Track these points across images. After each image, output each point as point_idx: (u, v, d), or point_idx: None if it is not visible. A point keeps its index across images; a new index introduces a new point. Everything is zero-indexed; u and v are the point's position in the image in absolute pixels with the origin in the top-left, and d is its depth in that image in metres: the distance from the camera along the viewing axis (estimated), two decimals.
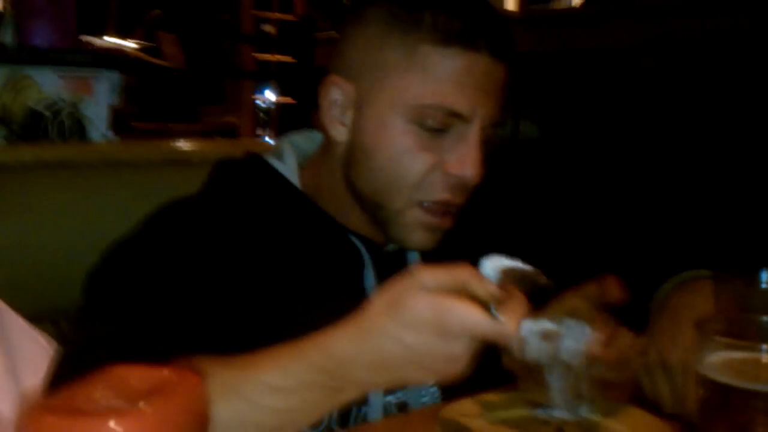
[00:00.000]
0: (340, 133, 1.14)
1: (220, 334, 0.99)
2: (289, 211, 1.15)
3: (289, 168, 1.19)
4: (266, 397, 0.83)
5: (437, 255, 1.10)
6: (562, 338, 0.88)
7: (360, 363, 0.82)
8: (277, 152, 1.22)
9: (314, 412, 0.86)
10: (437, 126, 1.07)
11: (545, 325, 0.89)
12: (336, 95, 1.13)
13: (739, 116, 2.48)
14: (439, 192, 1.09)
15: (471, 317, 0.79)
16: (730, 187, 2.42)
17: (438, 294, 0.79)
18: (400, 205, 1.10)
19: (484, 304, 0.80)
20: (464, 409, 0.98)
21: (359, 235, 1.16)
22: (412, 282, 0.81)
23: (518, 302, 0.82)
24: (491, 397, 0.99)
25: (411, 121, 1.07)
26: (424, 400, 1.16)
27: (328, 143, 1.17)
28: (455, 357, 0.81)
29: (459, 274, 0.82)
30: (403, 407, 1.15)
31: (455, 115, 1.07)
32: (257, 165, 1.20)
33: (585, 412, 0.90)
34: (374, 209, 1.13)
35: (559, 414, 0.89)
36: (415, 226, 1.11)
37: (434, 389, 1.17)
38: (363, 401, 1.09)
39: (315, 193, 1.18)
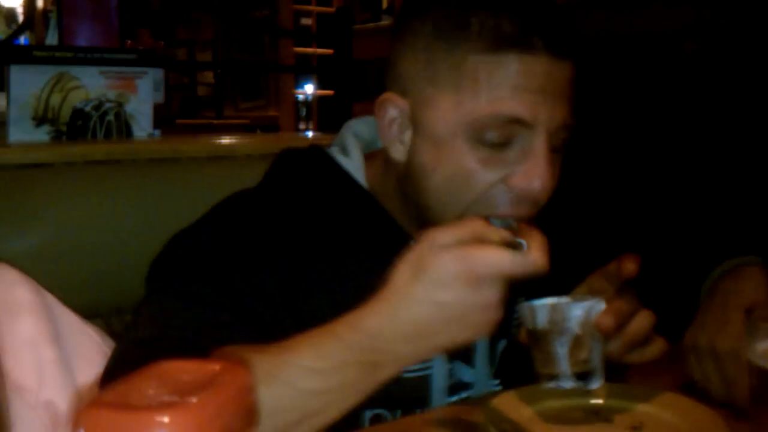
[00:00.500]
0: (399, 152, 1.07)
1: (277, 328, 1.00)
2: (354, 211, 1.13)
3: (353, 163, 1.15)
4: (305, 379, 0.83)
5: None
6: (569, 307, 0.89)
7: (394, 334, 0.82)
8: (341, 144, 1.18)
9: (354, 392, 0.85)
10: (498, 139, 0.99)
11: (556, 300, 0.90)
12: (393, 113, 1.07)
13: None
14: (501, 207, 1.01)
15: (497, 258, 0.79)
16: None
17: (458, 246, 0.80)
18: (456, 218, 0.99)
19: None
20: (509, 399, 0.98)
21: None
22: (430, 243, 0.81)
23: (536, 231, 0.83)
24: (537, 387, 0.99)
25: (469, 138, 0.99)
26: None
27: (392, 160, 1.10)
28: (489, 304, 0.81)
29: (470, 225, 0.83)
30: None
31: (516, 122, 0.98)
32: (321, 159, 1.16)
33: (594, 385, 0.90)
34: (429, 223, 1.01)
35: (567, 385, 0.89)
36: None
37: (496, 383, 1.16)
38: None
39: (381, 191, 1.14)
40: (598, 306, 0.90)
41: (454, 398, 1.14)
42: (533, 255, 0.80)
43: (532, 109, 0.98)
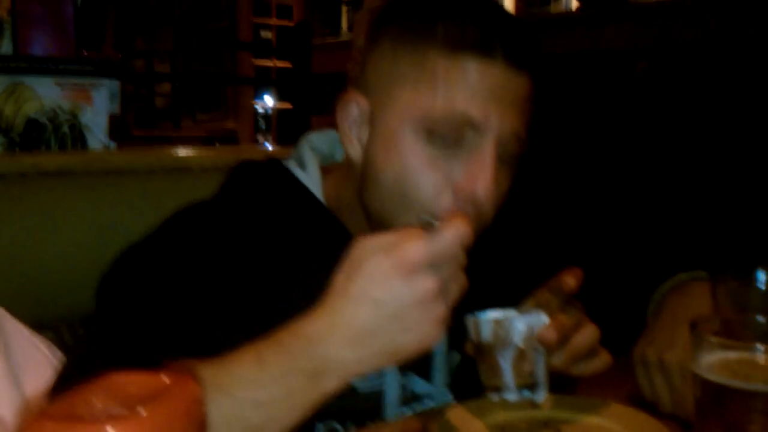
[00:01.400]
0: (355, 151, 1.10)
1: (229, 342, 0.99)
2: (310, 224, 1.13)
3: (311, 177, 1.16)
4: (247, 390, 0.82)
5: None
6: (512, 321, 0.90)
7: (334, 338, 0.82)
8: (298, 158, 1.19)
9: (298, 404, 0.84)
10: (449, 138, 1.01)
11: (501, 313, 0.92)
12: (354, 112, 1.09)
13: (733, 118, 2.48)
14: (449, 210, 1.02)
15: (419, 242, 0.81)
16: (725, 188, 2.43)
17: (387, 243, 0.82)
18: (408, 219, 1.03)
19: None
20: (461, 413, 0.98)
21: None
22: (363, 244, 0.83)
23: (459, 215, 0.85)
24: (486, 400, 1.00)
25: (421, 135, 1.02)
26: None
27: (349, 160, 1.13)
28: (425, 298, 0.81)
29: (404, 229, 0.84)
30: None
31: (467, 123, 1.00)
32: (277, 172, 1.17)
33: (539, 398, 0.92)
34: (384, 224, 1.06)
35: (511, 397, 0.91)
36: None
37: (450, 398, 1.17)
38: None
39: (337, 205, 1.14)
40: (541, 320, 0.91)
41: (408, 411, 1.14)
42: (449, 229, 0.81)
43: (484, 112, 1.00)
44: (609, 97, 2.76)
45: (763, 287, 1.03)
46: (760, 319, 0.88)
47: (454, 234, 0.81)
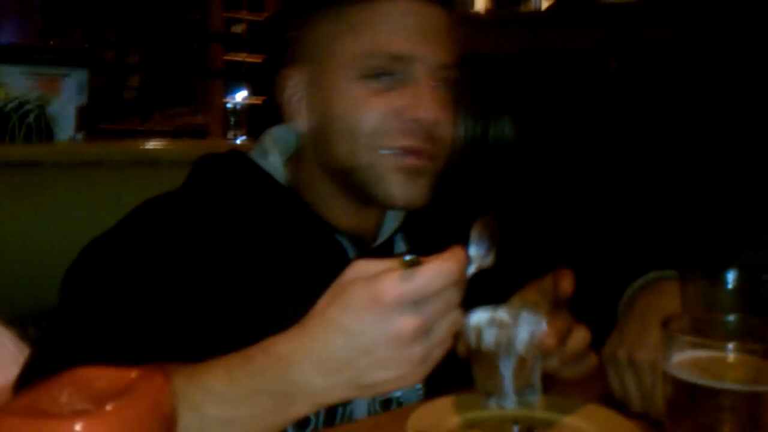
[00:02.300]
0: (303, 119, 1.15)
1: (199, 335, 0.97)
2: (273, 208, 1.14)
3: (272, 164, 1.18)
4: (213, 406, 0.80)
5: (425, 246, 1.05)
6: (515, 328, 0.90)
7: (307, 364, 0.78)
8: (261, 148, 1.21)
9: (265, 424, 0.81)
10: (384, 75, 1.09)
11: (498, 315, 0.91)
12: (290, 88, 1.16)
13: (705, 118, 2.51)
14: (401, 138, 1.09)
15: (399, 280, 0.75)
16: (696, 187, 2.45)
17: (370, 274, 0.77)
18: (367, 158, 1.10)
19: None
20: (434, 410, 0.98)
21: (346, 232, 1.15)
22: (353, 269, 0.79)
23: (454, 251, 0.78)
24: (462, 397, 1.00)
25: (356, 77, 1.09)
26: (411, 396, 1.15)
27: (302, 137, 1.17)
28: (398, 339, 0.75)
29: (391, 260, 0.79)
30: (387, 404, 1.14)
31: (396, 59, 1.09)
32: (240, 161, 1.18)
33: (535, 403, 0.92)
34: (348, 178, 1.12)
35: (509, 403, 0.90)
36: (393, 174, 1.10)
37: (419, 387, 1.16)
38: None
39: (300, 188, 1.17)
40: (541, 326, 0.91)
41: (378, 407, 1.14)
42: (433, 267, 0.76)
43: (410, 46, 1.09)
44: (581, 97, 2.78)
45: (731, 287, 1.04)
46: (730, 318, 0.88)
47: (437, 272, 0.76)
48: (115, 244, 1.06)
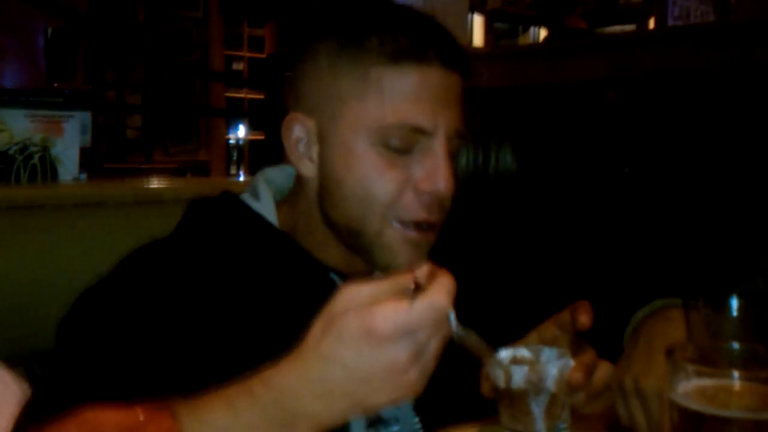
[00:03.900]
0: (308, 169, 1.13)
1: (195, 380, 0.97)
2: (266, 250, 1.13)
3: (265, 206, 1.17)
4: None
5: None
6: (543, 365, 0.89)
7: (305, 392, 0.79)
8: (253, 190, 1.20)
9: None
10: (402, 145, 1.07)
11: (520, 352, 0.91)
12: (299, 132, 1.13)
13: (704, 147, 2.51)
14: (414, 211, 1.08)
15: (393, 311, 0.76)
16: (699, 215, 2.45)
17: (361, 304, 0.77)
18: (377, 227, 1.08)
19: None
20: None
21: (339, 272, 1.15)
22: (342, 296, 0.79)
23: (444, 280, 0.79)
24: (473, 429, 0.99)
25: (375, 143, 1.07)
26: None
27: (300, 180, 1.16)
28: (394, 366, 0.77)
29: (390, 281, 0.80)
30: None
31: (418, 131, 1.07)
32: (232, 204, 1.18)
33: None
34: (353, 238, 1.11)
35: None
36: (397, 245, 1.09)
37: (416, 421, 1.16)
38: None
39: (293, 230, 1.16)
40: (569, 363, 0.91)
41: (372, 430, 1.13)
42: (426, 299, 0.77)
43: (432, 118, 1.07)
44: (579, 127, 2.79)
45: (736, 314, 1.04)
46: (735, 346, 0.88)
47: (428, 307, 0.76)
48: (108, 294, 1.06)
